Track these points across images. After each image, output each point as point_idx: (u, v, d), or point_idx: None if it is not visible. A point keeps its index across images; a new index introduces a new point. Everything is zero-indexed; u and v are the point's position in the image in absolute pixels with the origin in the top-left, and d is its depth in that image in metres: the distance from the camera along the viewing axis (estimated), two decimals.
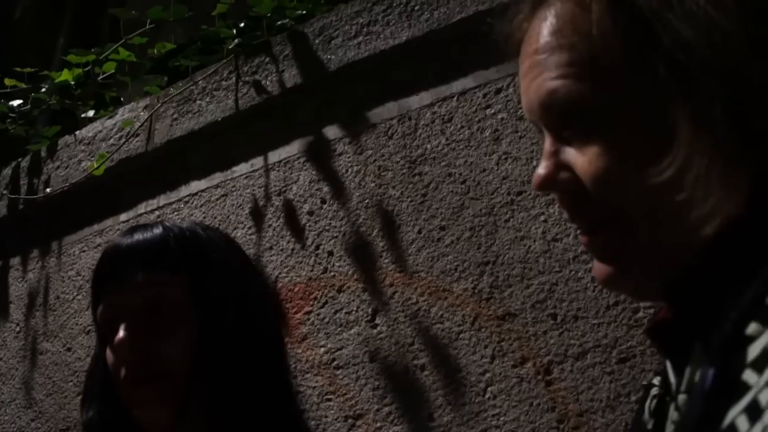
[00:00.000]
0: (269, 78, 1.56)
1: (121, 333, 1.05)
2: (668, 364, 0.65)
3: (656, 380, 0.75)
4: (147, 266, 1.06)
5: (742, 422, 0.50)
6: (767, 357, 0.51)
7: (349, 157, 1.44)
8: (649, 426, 0.70)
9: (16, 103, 2.02)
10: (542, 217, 1.19)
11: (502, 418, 1.15)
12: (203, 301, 1.05)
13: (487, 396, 1.17)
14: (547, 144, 0.65)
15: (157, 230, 1.11)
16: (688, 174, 0.58)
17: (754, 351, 0.52)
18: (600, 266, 0.65)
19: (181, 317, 1.06)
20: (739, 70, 0.56)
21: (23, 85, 2.05)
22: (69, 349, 1.74)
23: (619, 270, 0.63)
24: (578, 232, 0.73)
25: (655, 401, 0.72)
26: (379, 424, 1.26)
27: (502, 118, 1.28)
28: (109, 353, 1.13)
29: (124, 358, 1.05)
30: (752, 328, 0.53)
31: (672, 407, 0.62)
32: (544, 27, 0.62)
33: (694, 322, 0.59)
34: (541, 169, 0.65)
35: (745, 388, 0.51)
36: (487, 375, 1.18)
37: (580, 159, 0.63)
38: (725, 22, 0.56)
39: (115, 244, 1.14)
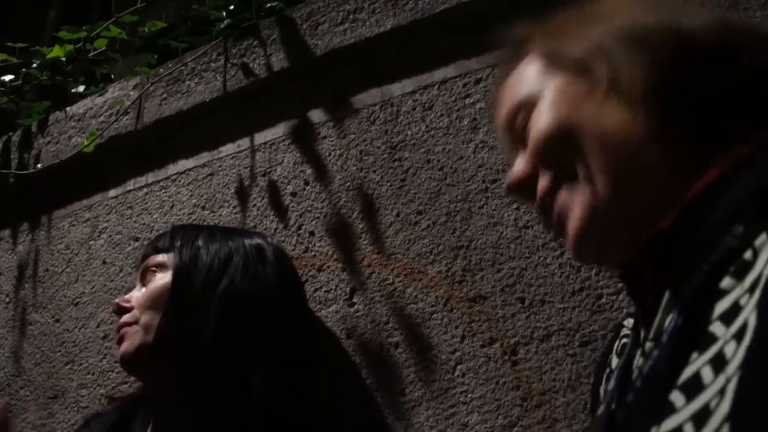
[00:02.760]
0: (257, 61, 1.60)
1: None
2: (639, 311, 0.67)
3: (627, 322, 0.77)
4: (154, 249, 1.31)
5: (707, 373, 0.51)
6: (737, 310, 0.51)
7: (332, 141, 1.48)
8: (613, 365, 0.73)
9: (7, 78, 2.05)
10: (514, 205, 1.25)
11: (469, 395, 1.21)
12: (179, 254, 1.26)
13: (456, 374, 1.23)
14: (516, 162, 0.75)
15: (168, 232, 1.36)
16: (657, 141, 0.64)
17: (724, 304, 0.53)
18: (568, 229, 0.70)
19: (161, 271, 1.26)
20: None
21: (14, 60, 2.08)
22: (57, 321, 1.78)
23: (585, 218, 0.67)
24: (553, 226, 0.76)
25: (623, 341, 0.75)
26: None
27: (480, 108, 1.32)
28: None
29: (117, 316, 1.28)
30: (726, 282, 0.54)
31: (638, 353, 0.64)
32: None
33: (666, 273, 0.61)
34: (507, 179, 0.75)
35: (712, 339, 0.52)
36: (457, 354, 1.24)
37: (529, 143, 0.72)
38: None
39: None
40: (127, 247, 1.71)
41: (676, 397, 0.53)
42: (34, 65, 2.04)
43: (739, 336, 0.50)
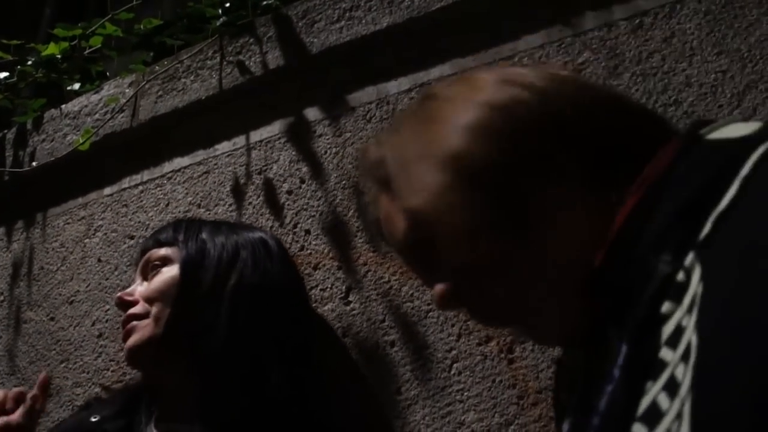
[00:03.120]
0: (253, 59, 1.60)
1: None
2: (574, 353, 0.70)
3: (563, 356, 0.78)
4: (156, 242, 1.30)
5: (663, 399, 0.52)
6: (680, 333, 0.52)
7: (328, 139, 1.48)
8: (570, 401, 0.74)
9: (2, 75, 2.04)
10: None
11: (466, 393, 1.21)
12: (188, 250, 1.24)
13: (452, 372, 1.23)
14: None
15: (172, 224, 1.34)
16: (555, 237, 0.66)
17: (668, 329, 0.54)
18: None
19: (167, 264, 1.24)
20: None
21: (9, 57, 2.07)
22: (52, 319, 1.78)
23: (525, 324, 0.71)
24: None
25: (568, 377, 0.75)
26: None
27: None
28: None
29: (120, 309, 1.27)
30: (666, 306, 0.54)
31: (579, 394, 0.64)
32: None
33: (604, 308, 0.62)
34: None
35: (663, 365, 0.53)
36: (453, 352, 1.23)
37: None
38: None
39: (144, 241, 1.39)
40: (122, 245, 1.71)
41: (638, 429, 0.53)
42: (30, 62, 2.03)
43: (685, 357, 0.51)
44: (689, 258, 0.53)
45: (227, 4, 1.72)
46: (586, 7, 1.27)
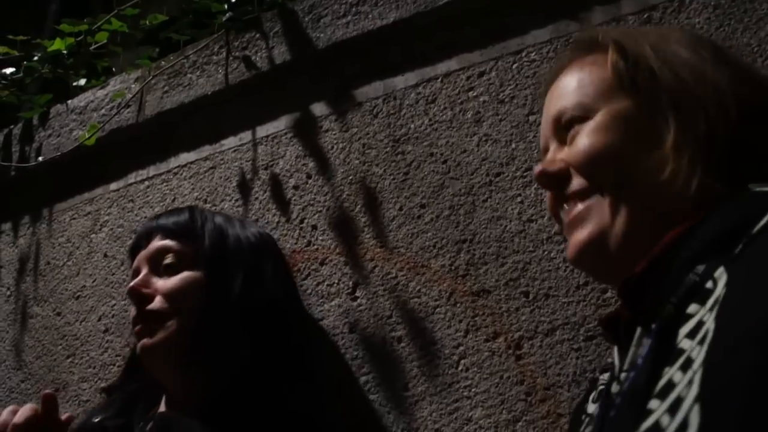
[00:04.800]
0: (259, 54, 1.59)
1: (132, 282, 1.22)
2: (615, 352, 0.74)
3: (603, 376, 0.84)
4: (167, 232, 1.24)
5: (677, 375, 0.59)
6: (700, 326, 0.59)
7: (334, 134, 1.47)
8: (590, 410, 0.79)
9: (8, 71, 2.04)
10: (519, 199, 1.24)
11: (473, 390, 1.20)
12: (211, 256, 1.19)
13: (460, 368, 1.22)
14: (550, 151, 0.84)
15: (184, 213, 1.29)
16: (668, 164, 0.72)
17: (690, 324, 0.61)
18: (575, 235, 0.79)
19: (189, 267, 1.19)
20: (721, 105, 0.73)
21: (15, 53, 2.07)
22: (58, 314, 1.78)
23: (595, 234, 0.76)
24: (560, 217, 0.85)
25: (600, 388, 0.81)
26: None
27: (484, 101, 1.32)
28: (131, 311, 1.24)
29: (134, 301, 1.20)
30: (692, 308, 0.62)
31: (614, 384, 0.69)
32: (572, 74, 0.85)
33: (638, 312, 0.70)
34: (539, 166, 0.83)
35: (681, 352, 0.60)
36: (461, 348, 1.23)
37: (575, 147, 0.80)
38: (711, 73, 0.75)
39: (145, 223, 1.33)
40: (128, 241, 1.71)
41: (654, 404, 0.60)
42: (36, 58, 2.03)
43: (701, 341, 0.58)
44: (719, 271, 0.61)
45: (233, 0, 1.72)
46: (594, 2, 1.26)
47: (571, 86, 0.83)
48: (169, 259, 1.21)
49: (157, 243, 1.24)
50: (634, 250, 0.73)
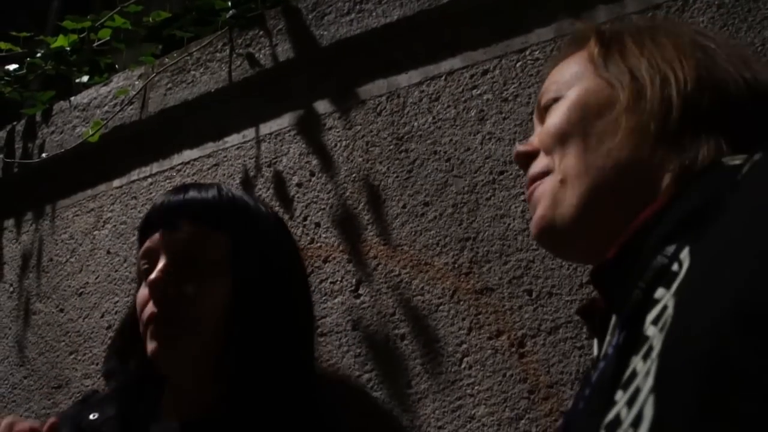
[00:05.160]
0: (263, 51, 1.59)
1: (155, 273, 1.08)
2: (594, 343, 0.75)
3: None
4: (195, 219, 1.10)
5: (639, 365, 0.58)
6: (664, 312, 0.58)
7: (338, 132, 1.48)
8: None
9: (12, 67, 2.04)
10: (522, 197, 1.24)
11: (476, 387, 1.20)
12: (243, 264, 1.09)
13: (463, 366, 1.23)
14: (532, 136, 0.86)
15: (212, 190, 1.15)
16: (619, 129, 0.74)
17: (656, 310, 0.59)
18: (534, 214, 0.80)
19: (219, 272, 1.09)
20: (678, 75, 0.73)
21: (18, 49, 2.07)
22: (61, 310, 1.78)
23: (547, 211, 0.77)
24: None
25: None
26: (359, 391, 1.32)
27: (488, 99, 1.32)
28: (140, 294, 1.14)
29: (156, 296, 1.07)
30: (658, 292, 0.60)
31: (594, 375, 0.69)
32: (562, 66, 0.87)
33: (612, 299, 0.69)
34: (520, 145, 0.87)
35: (645, 339, 0.59)
36: (464, 346, 1.23)
37: (543, 128, 0.83)
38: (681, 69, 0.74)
39: (167, 196, 1.16)
40: (131, 237, 1.71)
41: (618, 395, 0.59)
42: (39, 55, 2.04)
43: (662, 328, 0.56)
44: (684, 252, 0.60)
45: None
46: (598, 1, 1.26)
47: (556, 75, 0.86)
48: (197, 260, 1.09)
49: (186, 233, 1.10)
50: (588, 227, 0.74)
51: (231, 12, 1.68)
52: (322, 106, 1.52)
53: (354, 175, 1.43)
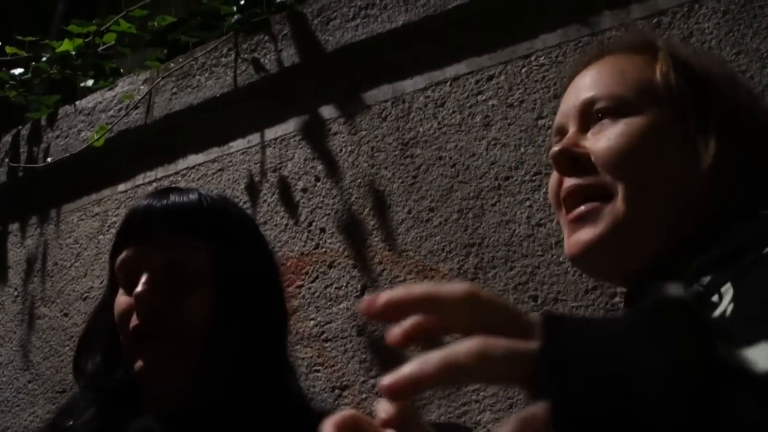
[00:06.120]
0: (268, 56, 1.60)
1: (141, 285, 1.05)
2: None
3: None
4: (177, 228, 1.07)
5: None
6: None
7: (343, 137, 1.48)
8: None
9: (17, 71, 2.05)
10: (527, 203, 1.24)
11: (481, 393, 1.20)
12: (226, 273, 1.06)
13: None
14: (570, 133, 0.81)
15: (192, 196, 1.11)
16: (698, 188, 0.74)
17: None
18: (580, 233, 0.77)
19: (201, 283, 1.06)
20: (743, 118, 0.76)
21: (23, 53, 2.07)
22: (66, 315, 1.78)
23: (606, 233, 0.75)
24: (560, 200, 0.82)
25: None
26: (364, 395, 1.32)
27: (493, 105, 1.32)
28: (120, 301, 1.11)
29: (140, 310, 1.04)
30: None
31: None
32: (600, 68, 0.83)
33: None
34: (559, 145, 0.80)
35: None
36: None
37: (599, 141, 0.78)
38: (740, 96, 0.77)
39: (149, 201, 1.12)
40: None
41: None
42: (44, 59, 2.04)
43: None
44: (726, 286, 0.62)
45: (242, 2, 1.72)
46: (604, 6, 1.26)
47: (610, 75, 0.81)
48: (181, 272, 1.07)
49: (169, 243, 1.07)
50: (639, 261, 0.74)
51: (236, 17, 1.68)
52: (327, 111, 1.52)
53: (359, 181, 1.43)
